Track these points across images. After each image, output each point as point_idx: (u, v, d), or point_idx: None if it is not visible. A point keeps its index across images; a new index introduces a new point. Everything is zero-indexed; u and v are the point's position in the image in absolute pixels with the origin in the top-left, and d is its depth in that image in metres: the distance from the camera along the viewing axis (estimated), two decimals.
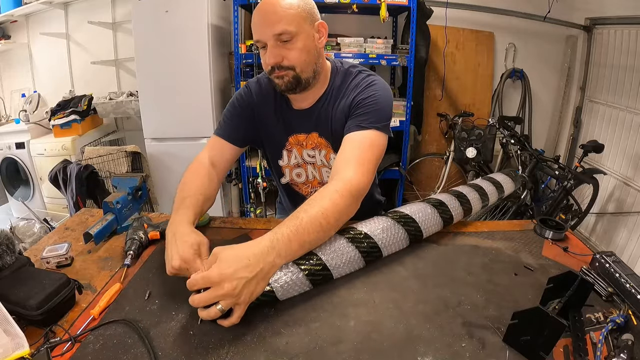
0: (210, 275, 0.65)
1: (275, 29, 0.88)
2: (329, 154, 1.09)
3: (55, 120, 2.90)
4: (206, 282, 0.65)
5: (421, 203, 0.96)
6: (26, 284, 0.70)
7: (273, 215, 2.36)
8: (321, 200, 0.79)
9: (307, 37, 0.92)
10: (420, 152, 3.20)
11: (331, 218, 0.77)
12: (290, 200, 1.27)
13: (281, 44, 0.90)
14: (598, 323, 0.67)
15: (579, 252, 0.91)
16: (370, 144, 0.92)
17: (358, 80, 1.01)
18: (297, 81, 0.95)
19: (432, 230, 0.93)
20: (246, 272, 0.67)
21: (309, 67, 0.95)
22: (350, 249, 0.80)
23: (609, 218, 2.66)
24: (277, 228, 0.74)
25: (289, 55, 0.91)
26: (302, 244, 0.74)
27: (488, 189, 1.11)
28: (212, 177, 1.01)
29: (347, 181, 0.83)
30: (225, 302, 0.65)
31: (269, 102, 1.08)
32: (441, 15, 2.86)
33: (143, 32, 2.58)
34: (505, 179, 1.20)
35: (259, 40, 0.92)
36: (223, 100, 2.93)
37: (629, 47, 2.52)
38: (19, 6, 3.11)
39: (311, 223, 0.75)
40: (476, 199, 1.04)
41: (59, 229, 1.09)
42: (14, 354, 0.57)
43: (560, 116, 3.24)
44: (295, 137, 1.09)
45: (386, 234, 0.85)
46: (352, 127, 0.95)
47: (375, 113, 0.95)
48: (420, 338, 0.64)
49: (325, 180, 1.15)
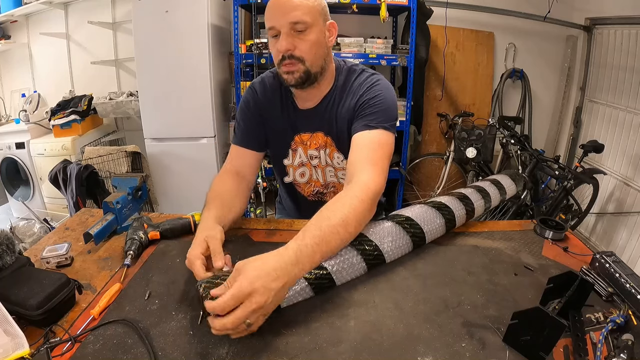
0: (241, 291, 0.61)
1: (292, 17, 0.89)
2: (332, 152, 1.09)
3: (55, 120, 2.90)
4: (237, 301, 0.60)
5: (427, 208, 0.94)
6: (26, 284, 0.70)
7: (273, 215, 2.36)
8: (342, 208, 0.78)
9: (319, 31, 0.94)
10: (420, 152, 3.20)
11: (351, 227, 0.77)
12: (291, 200, 1.27)
13: (295, 33, 0.91)
14: (598, 323, 0.67)
15: (579, 252, 0.91)
16: (380, 143, 0.93)
17: (362, 79, 1.02)
18: (307, 76, 0.95)
19: (435, 236, 0.93)
20: (275, 284, 0.64)
21: (318, 61, 0.96)
22: (357, 260, 0.79)
23: (609, 218, 2.66)
24: (300, 237, 0.72)
25: (301, 46, 0.92)
26: (324, 255, 0.74)
27: (491, 190, 1.09)
28: (239, 182, 1.04)
29: (364, 185, 0.84)
30: (255, 317, 0.62)
31: (275, 101, 1.08)
32: (441, 15, 2.86)
33: (143, 32, 2.58)
34: (508, 181, 1.18)
35: (272, 27, 0.92)
36: (223, 100, 2.93)
37: (629, 47, 2.52)
38: (19, 6, 3.11)
39: (332, 233, 0.74)
40: (480, 205, 1.02)
41: (59, 229, 1.09)
42: (14, 354, 0.57)
43: (560, 116, 3.24)
44: (300, 136, 1.10)
45: (394, 244, 0.84)
46: (360, 127, 0.96)
47: (382, 112, 0.96)
48: (420, 338, 0.64)
49: (328, 180, 1.15)
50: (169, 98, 2.67)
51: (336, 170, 1.14)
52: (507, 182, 1.16)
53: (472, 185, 1.10)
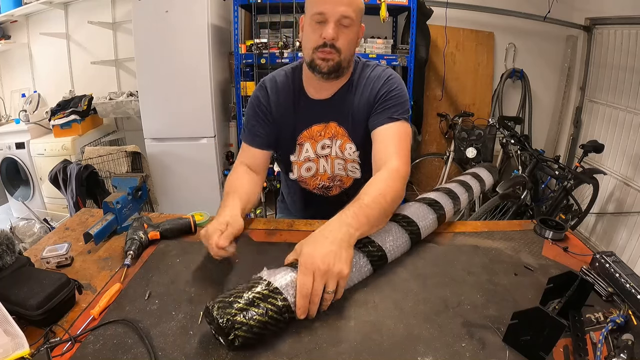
0: (305, 262, 0.68)
1: (344, 10, 0.94)
2: (344, 144, 1.12)
3: (55, 120, 2.90)
4: (307, 272, 0.67)
5: (420, 204, 0.96)
6: (26, 284, 0.70)
7: (273, 215, 2.36)
8: (377, 184, 0.88)
9: (357, 30, 1.00)
10: (420, 152, 3.20)
11: (388, 197, 0.85)
12: (295, 195, 1.27)
13: (340, 26, 0.96)
14: (598, 323, 0.67)
15: (579, 252, 0.91)
16: (403, 134, 1.01)
17: (377, 73, 1.07)
18: (338, 66, 1.00)
19: (428, 232, 0.94)
20: (330, 245, 0.71)
21: (350, 57, 1.02)
22: (363, 262, 0.79)
23: (609, 218, 2.66)
24: (340, 212, 0.80)
25: (342, 39, 0.97)
26: (369, 218, 0.79)
27: (472, 184, 1.15)
28: (252, 175, 1.10)
29: (394, 169, 0.93)
30: (332, 282, 0.68)
31: (288, 95, 1.10)
32: (441, 15, 2.86)
33: (143, 32, 2.58)
34: (485, 173, 1.26)
35: (322, 12, 0.94)
36: (223, 100, 2.93)
37: (629, 47, 2.52)
38: (19, 6, 3.11)
39: (373, 201, 0.82)
40: (465, 199, 1.07)
41: (59, 229, 1.09)
42: (14, 354, 0.57)
43: (560, 116, 3.24)
44: (310, 130, 1.12)
45: (395, 243, 0.85)
46: (383, 119, 1.01)
47: (402, 105, 1.03)
48: (420, 338, 0.64)
49: (336, 173, 1.17)
50: (169, 98, 2.67)
51: (346, 162, 1.15)
52: (484, 174, 1.24)
53: (455, 179, 1.16)
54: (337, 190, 1.20)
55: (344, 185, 1.19)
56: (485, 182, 1.21)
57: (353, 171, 1.16)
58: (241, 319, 0.60)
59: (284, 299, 0.64)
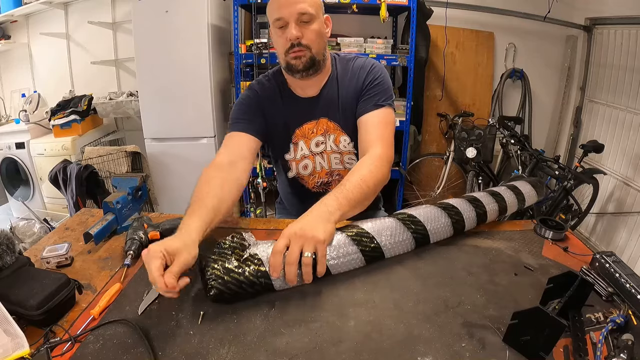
0: (284, 232, 0.75)
1: (299, 8, 0.97)
2: (338, 137, 1.14)
3: (55, 120, 2.90)
4: (283, 237, 0.74)
5: (433, 207, 0.93)
6: (26, 284, 0.70)
7: (273, 216, 2.36)
8: (359, 170, 0.93)
9: (320, 23, 1.03)
10: (420, 152, 3.19)
11: (370, 182, 0.91)
12: (295, 195, 1.27)
13: (301, 23, 0.99)
14: (598, 323, 0.67)
15: (579, 252, 0.91)
16: (387, 120, 1.06)
17: (360, 63, 1.11)
18: (312, 61, 1.02)
19: (441, 236, 0.92)
20: (308, 218, 0.78)
21: (321, 50, 1.04)
22: (352, 249, 0.80)
23: (609, 218, 2.66)
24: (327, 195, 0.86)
25: (307, 35, 0.99)
26: (349, 200, 0.85)
27: (506, 195, 1.03)
28: (226, 174, 0.95)
29: (377, 155, 0.98)
30: (307, 246, 0.72)
31: (275, 96, 1.12)
32: (441, 15, 2.86)
33: (143, 32, 2.58)
34: (528, 187, 1.09)
35: (280, 17, 0.98)
36: (223, 101, 2.93)
37: (629, 47, 2.52)
38: (19, 6, 3.11)
39: (354, 186, 0.88)
40: (493, 209, 0.98)
41: (59, 229, 1.09)
42: (14, 354, 0.57)
43: (560, 116, 3.24)
44: (302, 129, 1.13)
45: (393, 239, 0.84)
46: (369, 107, 1.06)
47: (386, 91, 1.08)
48: (420, 338, 0.64)
49: (333, 167, 1.18)
50: (169, 98, 2.67)
51: (342, 155, 1.16)
52: (526, 189, 1.08)
53: (487, 190, 1.06)
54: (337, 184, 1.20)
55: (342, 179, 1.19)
56: (525, 198, 1.06)
57: (350, 163, 1.17)
58: (219, 273, 0.71)
59: (260, 263, 0.73)
